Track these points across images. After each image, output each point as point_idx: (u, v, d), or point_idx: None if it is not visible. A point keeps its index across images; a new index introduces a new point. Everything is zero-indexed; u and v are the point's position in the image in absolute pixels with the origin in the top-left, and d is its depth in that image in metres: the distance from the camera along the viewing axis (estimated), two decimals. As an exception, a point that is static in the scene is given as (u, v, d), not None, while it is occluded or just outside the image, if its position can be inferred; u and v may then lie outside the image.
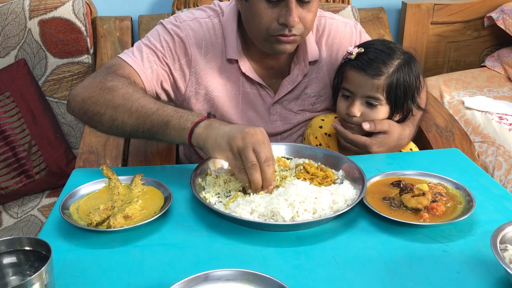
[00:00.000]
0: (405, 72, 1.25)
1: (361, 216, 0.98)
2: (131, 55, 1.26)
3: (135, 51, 1.27)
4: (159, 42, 1.28)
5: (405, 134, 1.30)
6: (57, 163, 1.78)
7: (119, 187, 1.04)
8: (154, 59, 1.26)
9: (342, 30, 1.40)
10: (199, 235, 0.93)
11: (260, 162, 0.97)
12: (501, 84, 2.29)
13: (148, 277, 0.82)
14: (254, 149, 0.97)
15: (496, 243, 0.79)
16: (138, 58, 1.25)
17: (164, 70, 1.28)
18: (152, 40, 1.29)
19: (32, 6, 1.84)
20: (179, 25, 1.30)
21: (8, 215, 1.69)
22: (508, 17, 2.27)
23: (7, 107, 1.74)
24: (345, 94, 1.28)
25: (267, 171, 0.98)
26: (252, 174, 0.97)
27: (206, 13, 1.34)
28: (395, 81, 1.23)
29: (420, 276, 0.82)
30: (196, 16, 1.32)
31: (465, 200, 0.99)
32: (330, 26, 1.39)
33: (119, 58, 1.26)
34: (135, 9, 2.14)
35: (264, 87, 1.35)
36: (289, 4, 1.15)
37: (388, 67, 1.23)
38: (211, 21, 1.32)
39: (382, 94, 1.24)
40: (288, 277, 0.81)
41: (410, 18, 2.34)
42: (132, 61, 1.24)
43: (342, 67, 1.31)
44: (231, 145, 0.98)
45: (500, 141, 1.85)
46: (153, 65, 1.26)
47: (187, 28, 1.29)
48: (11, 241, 0.78)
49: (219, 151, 1.01)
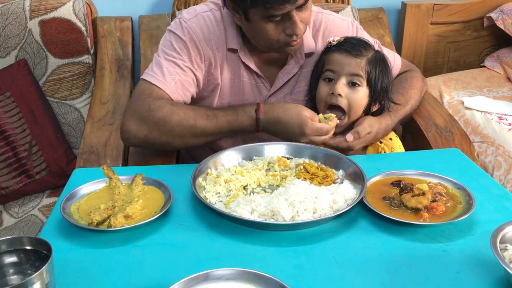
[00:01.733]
0: (380, 62, 1.33)
1: (361, 215, 0.98)
2: (152, 73, 1.30)
3: (155, 68, 1.31)
4: (174, 51, 1.32)
5: (382, 127, 1.34)
6: (57, 163, 1.78)
7: (119, 187, 1.04)
8: (175, 70, 1.31)
9: (339, 25, 1.43)
10: (199, 235, 0.93)
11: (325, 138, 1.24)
12: (501, 84, 2.29)
13: (148, 276, 0.82)
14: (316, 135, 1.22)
15: (496, 243, 0.79)
16: (159, 74, 1.30)
17: (187, 76, 1.32)
18: (167, 51, 1.33)
19: (32, 7, 1.84)
20: (185, 26, 1.33)
21: (8, 215, 1.69)
22: (508, 17, 2.27)
23: (7, 107, 1.74)
24: (329, 77, 1.32)
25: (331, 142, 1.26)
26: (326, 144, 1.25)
27: (208, 6, 1.38)
28: (374, 63, 1.31)
29: (420, 276, 0.82)
30: (198, 11, 1.36)
31: (465, 200, 0.99)
32: (327, 21, 1.43)
33: (143, 80, 1.31)
34: (135, 9, 2.14)
35: (261, 77, 1.39)
36: (292, 18, 1.20)
37: (368, 52, 1.32)
38: (213, 14, 1.36)
39: (364, 73, 1.29)
40: (288, 276, 0.81)
41: (410, 18, 2.34)
42: (155, 79, 1.29)
43: (323, 55, 1.36)
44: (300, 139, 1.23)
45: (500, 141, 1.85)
46: (175, 76, 1.30)
47: (193, 26, 1.33)
48: (11, 240, 0.78)
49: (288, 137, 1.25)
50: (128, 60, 1.96)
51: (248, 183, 1.08)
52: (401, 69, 1.56)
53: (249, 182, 1.08)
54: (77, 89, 1.91)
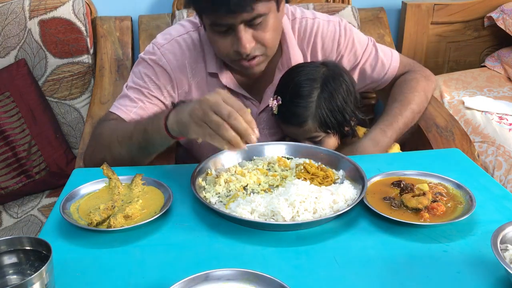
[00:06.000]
0: (326, 100, 1.23)
1: (361, 216, 0.98)
2: (117, 104, 1.29)
3: (120, 99, 1.30)
4: (141, 79, 1.28)
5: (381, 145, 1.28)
6: (57, 163, 1.78)
7: (119, 187, 1.04)
8: (139, 97, 1.28)
9: (325, 30, 1.35)
10: (199, 235, 0.93)
11: (225, 119, 0.93)
12: (501, 84, 2.29)
13: (148, 277, 0.82)
14: (214, 112, 0.94)
15: (497, 243, 0.79)
16: (122, 103, 1.28)
17: (153, 104, 1.28)
18: (134, 79, 1.30)
19: (32, 6, 1.84)
20: (156, 53, 1.28)
21: (8, 215, 1.68)
22: (508, 17, 2.27)
23: (7, 107, 1.73)
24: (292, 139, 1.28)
25: (237, 124, 0.93)
26: (224, 134, 0.93)
27: (184, 28, 1.32)
28: (325, 113, 1.23)
29: (421, 276, 0.81)
30: (173, 35, 1.30)
31: (465, 200, 0.99)
32: (312, 27, 1.35)
33: (108, 111, 1.31)
34: (135, 9, 2.14)
35: (248, 98, 1.33)
36: (237, 34, 1.13)
37: (309, 107, 1.22)
38: (190, 37, 1.30)
39: (318, 131, 1.25)
40: (289, 277, 0.80)
41: (410, 18, 2.34)
42: (117, 109, 1.28)
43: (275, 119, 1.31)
44: (192, 118, 0.97)
45: (500, 141, 1.85)
46: (138, 103, 1.27)
47: (166, 53, 1.28)
48: (11, 240, 0.78)
49: (186, 129, 1.00)
50: (128, 60, 1.96)
51: (248, 183, 1.08)
52: (399, 70, 1.46)
53: (249, 182, 1.08)
54: (77, 89, 1.91)
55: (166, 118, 1.06)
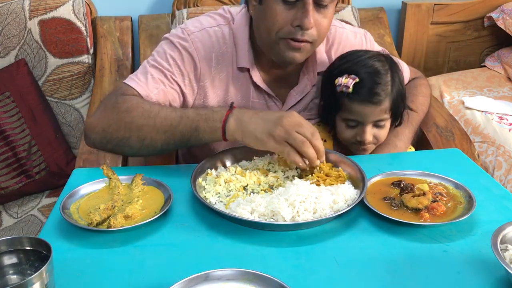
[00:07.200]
0: (398, 80, 1.25)
1: (361, 216, 0.98)
2: (135, 78, 1.21)
3: (139, 74, 1.22)
4: (165, 61, 1.22)
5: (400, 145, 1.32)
6: (57, 163, 1.78)
7: (119, 187, 1.04)
8: (161, 79, 1.21)
9: (352, 40, 1.37)
10: (199, 235, 0.93)
11: (309, 138, 1.02)
12: (501, 84, 2.29)
13: (148, 277, 0.82)
14: (297, 132, 1.02)
15: (497, 243, 0.79)
16: (143, 80, 1.20)
17: (173, 89, 1.22)
18: (158, 59, 1.23)
19: (32, 6, 1.84)
20: (186, 38, 1.23)
21: (8, 215, 1.68)
22: (508, 17, 2.27)
23: (7, 107, 1.73)
24: (351, 124, 1.26)
25: (318, 144, 1.03)
26: (306, 151, 1.02)
27: (215, 21, 1.28)
28: (396, 95, 1.24)
29: (421, 276, 0.82)
30: (204, 26, 1.26)
31: (465, 200, 0.99)
32: (340, 36, 1.36)
33: (123, 83, 1.21)
34: (135, 9, 2.14)
35: (272, 97, 1.32)
36: (306, 6, 1.11)
37: (387, 86, 1.22)
38: (221, 30, 1.26)
39: (388, 113, 1.25)
40: (289, 277, 0.80)
41: (410, 18, 2.34)
42: (136, 84, 1.19)
43: (340, 99, 1.25)
44: (273, 137, 1.03)
45: (500, 141, 1.85)
46: (160, 85, 1.20)
47: (196, 41, 1.24)
48: (11, 240, 0.78)
49: (262, 145, 1.05)
50: (128, 60, 1.96)
51: (248, 183, 1.08)
52: (410, 77, 1.51)
53: (249, 182, 1.08)
54: (77, 89, 1.91)
55: (225, 123, 1.06)
